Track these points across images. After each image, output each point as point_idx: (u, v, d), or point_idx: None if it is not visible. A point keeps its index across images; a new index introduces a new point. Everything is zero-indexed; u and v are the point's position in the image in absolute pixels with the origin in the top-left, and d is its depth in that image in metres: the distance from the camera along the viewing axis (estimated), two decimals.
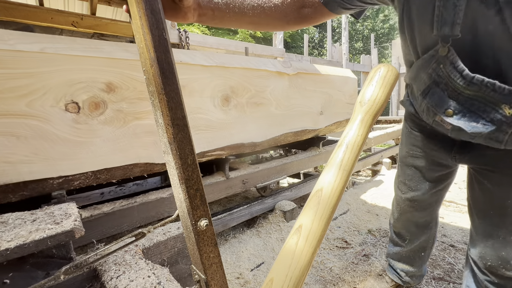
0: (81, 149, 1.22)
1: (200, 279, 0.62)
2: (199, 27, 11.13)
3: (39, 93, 1.09)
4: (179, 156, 0.54)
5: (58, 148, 1.16)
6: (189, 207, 0.56)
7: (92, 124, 1.23)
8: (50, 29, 3.08)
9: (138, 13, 0.50)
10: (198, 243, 0.58)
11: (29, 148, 1.10)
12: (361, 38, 21.97)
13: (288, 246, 0.61)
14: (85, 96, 1.19)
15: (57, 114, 1.13)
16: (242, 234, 2.35)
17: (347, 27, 10.05)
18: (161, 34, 0.52)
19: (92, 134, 1.23)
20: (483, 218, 0.89)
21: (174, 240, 1.26)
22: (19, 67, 1.04)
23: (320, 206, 0.65)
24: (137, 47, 0.56)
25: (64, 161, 1.19)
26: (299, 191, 2.86)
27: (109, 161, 1.31)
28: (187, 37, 3.39)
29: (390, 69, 0.82)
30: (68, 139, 1.18)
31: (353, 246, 2.13)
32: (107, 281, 0.96)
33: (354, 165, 0.72)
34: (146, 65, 0.53)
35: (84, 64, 1.18)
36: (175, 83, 0.54)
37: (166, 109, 0.53)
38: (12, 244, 0.89)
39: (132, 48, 1.37)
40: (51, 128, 1.13)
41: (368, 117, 0.77)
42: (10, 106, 1.04)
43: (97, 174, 1.33)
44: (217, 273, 0.62)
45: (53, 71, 1.11)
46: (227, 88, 1.76)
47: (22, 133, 1.07)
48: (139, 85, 1.35)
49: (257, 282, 1.73)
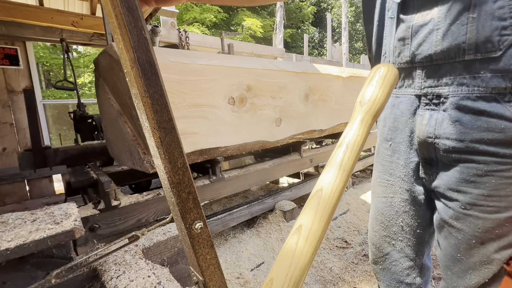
0: (234, 129, 1.85)
1: (199, 280, 0.61)
2: (199, 27, 11.12)
3: (217, 92, 1.70)
4: (168, 160, 0.52)
5: (224, 127, 1.78)
6: (182, 211, 0.55)
7: (240, 112, 1.86)
8: (50, 29, 3.08)
9: (113, 12, 0.46)
10: (193, 246, 0.57)
11: (211, 127, 1.72)
12: (361, 38, 21.99)
13: (288, 246, 0.61)
14: (236, 94, 1.82)
15: (225, 105, 1.77)
16: (242, 234, 2.35)
17: (347, 27, 10.05)
18: (140, 33, 0.48)
19: (239, 119, 1.87)
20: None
21: (174, 240, 1.26)
22: (209, 76, 1.65)
23: (320, 206, 0.65)
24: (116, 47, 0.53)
25: (226, 136, 1.81)
26: (299, 191, 2.86)
27: (246, 138, 1.94)
28: (187, 37, 3.39)
29: (390, 69, 0.82)
30: (229, 122, 1.80)
31: (353, 246, 2.13)
32: (107, 281, 0.96)
33: (354, 165, 0.72)
34: (126, 67, 0.50)
35: (236, 72, 1.79)
36: (159, 84, 0.51)
37: (151, 112, 0.50)
38: (12, 244, 0.89)
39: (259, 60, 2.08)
40: (222, 114, 1.76)
41: (368, 117, 0.77)
42: (204, 100, 1.65)
43: (239, 147, 1.93)
44: (215, 274, 0.61)
45: (223, 78, 1.72)
46: (307, 88, 2.35)
47: (209, 117, 1.69)
48: (264, 86, 1.97)
49: (257, 282, 1.73)
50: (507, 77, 0.57)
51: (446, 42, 0.63)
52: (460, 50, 0.62)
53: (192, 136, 1.63)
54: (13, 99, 3.00)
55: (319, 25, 22.11)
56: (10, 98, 2.97)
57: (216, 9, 11.78)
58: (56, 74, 10.97)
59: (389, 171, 0.86)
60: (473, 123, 0.61)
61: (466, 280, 0.70)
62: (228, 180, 2.18)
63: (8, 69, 2.96)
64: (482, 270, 0.67)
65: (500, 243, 0.63)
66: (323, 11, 21.67)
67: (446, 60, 0.65)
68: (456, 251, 0.71)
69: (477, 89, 0.60)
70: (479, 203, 0.64)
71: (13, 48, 2.97)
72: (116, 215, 1.65)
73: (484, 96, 0.60)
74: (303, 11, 17.56)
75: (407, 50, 0.73)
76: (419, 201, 0.81)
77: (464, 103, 0.62)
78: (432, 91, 0.69)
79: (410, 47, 0.72)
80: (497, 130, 0.59)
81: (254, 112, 1.95)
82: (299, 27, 18.95)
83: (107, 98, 1.72)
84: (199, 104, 1.63)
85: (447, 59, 0.65)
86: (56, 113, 9.14)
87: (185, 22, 11.24)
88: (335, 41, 20.25)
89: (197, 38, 5.38)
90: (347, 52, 10.08)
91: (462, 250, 0.69)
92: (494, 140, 0.60)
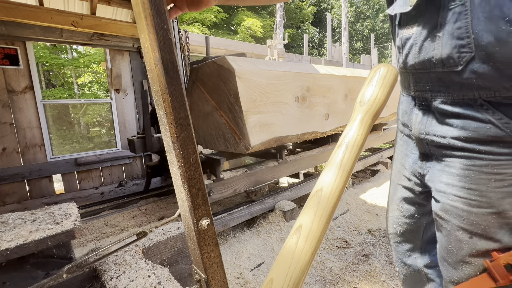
0: (297, 121, 2.35)
1: (201, 278, 0.62)
2: (199, 27, 11.12)
3: (288, 92, 2.24)
4: (181, 155, 0.54)
5: (291, 120, 2.29)
6: (191, 206, 0.56)
7: (302, 108, 2.38)
8: (50, 29, 3.08)
9: (143, 14, 0.50)
10: (199, 242, 0.58)
11: (283, 119, 2.20)
12: (361, 38, 21.98)
13: (288, 246, 0.61)
14: (300, 94, 2.34)
15: (293, 103, 2.29)
16: (242, 234, 2.35)
17: (347, 27, 10.05)
18: (166, 34, 0.52)
19: (301, 114, 2.37)
20: None
21: (174, 240, 1.26)
22: (283, 79, 2.18)
23: (320, 206, 0.65)
24: (141, 46, 0.56)
25: (292, 127, 2.31)
26: (299, 191, 2.86)
27: (305, 129, 2.44)
28: (187, 37, 3.40)
29: (390, 69, 0.82)
30: (294, 116, 2.31)
31: (353, 246, 2.13)
32: (107, 281, 0.96)
33: (354, 165, 0.72)
34: (150, 65, 0.53)
35: (301, 77, 2.34)
36: (179, 83, 0.54)
37: (169, 109, 0.53)
38: (12, 244, 0.90)
39: (316, 66, 2.70)
40: (291, 110, 2.27)
41: (368, 117, 0.77)
42: (280, 98, 2.18)
43: (299, 136, 2.40)
44: (218, 273, 0.62)
45: (292, 81, 2.26)
46: (346, 89, 2.89)
47: (283, 111, 2.20)
48: (318, 88, 2.50)
49: (257, 282, 1.73)
50: (473, 87, 0.63)
51: (422, 55, 0.71)
52: (431, 63, 0.69)
53: (271, 126, 2.13)
54: (13, 99, 3.00)
55: (319, 25, 22.09)
56: (10, 98, 2.97)
57: (216, 9, 11.77)
58: (56, 74, 10.97)
59: (400, 159, 0.96)
60: (452, 122, 0.70)
61: (459, 272, 0.74)
62: (290, 163, 2.77)
63: (8, 69, 2.96)
64: (473, 263, 0.70)
65: (486, 238, 0.67)
66: (323, 11, 21.67)
67: (424, 70, 0.73)
68: (448, 243, 0.76)
69: (451, 95, 0.68)
70: (463, 196, 0.69)
71: (13, 48, 2.97)
72: (223, 185, 2.25)
73: (458, 101, 0.67)
74: (303, 11, 17.55)
75: (400, 58, 0.81)
76: (417, 190, 0.89)
77: (444, 107, 0.71)
78: (420, 95, 0.79)
79: (402, 55, 0.80)
80: (471, 129, 0.66)
81: (311, 108, 2.48)
82: (299, 27, 18.95)
83: (202, 97, 2.24)
84: (277, 102, 2.16)
85: (424, 70, 0.73)
86: (56, 113, 9.13)
87: (185, 22, 11.24)
88: (335, 41, 20.24)
89: (197, 38, 5.38)
90: (347, 52, 10.08)
91: (452, 241, 0.74)
92: (469, 138, 0.66)
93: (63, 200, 3.32)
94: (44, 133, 3.20)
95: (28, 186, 3.13)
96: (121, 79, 3.68)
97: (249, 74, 1.97)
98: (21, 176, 3.03)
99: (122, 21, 3.47)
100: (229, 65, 1.89)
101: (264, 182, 2.54)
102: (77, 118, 9.98)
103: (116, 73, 3.63)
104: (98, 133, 10.23)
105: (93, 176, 3.56)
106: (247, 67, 1.98)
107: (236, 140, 2.05)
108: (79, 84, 11.34)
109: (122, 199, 2.94)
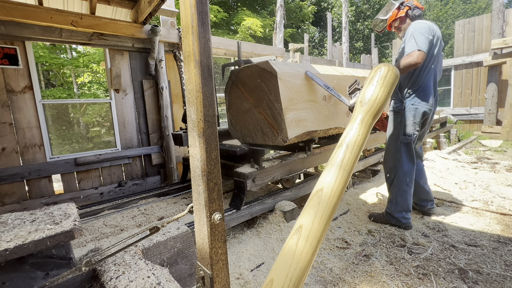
0: (324, 118, 2.61)
1: (205, 275, 0.63)
2: None
3: (317, 91, 2.52)
4: (205, 149, 0.60)
5: (320, 116, 2.56)
6: (207, 199, 0.60)
7: (328, 106, 2.67)
8: (50, 28, 3.07)
9: (191, 23, 0.60)
10: (210, 237, 0.61)
11: (313, 115, 2.48)
12: (361, 37, 21.97)
13: (288, 246, 0.61)
14: (326, 93, 2.60)
15: (321, 101, 2.57)
16: (242, 234, 2.35)
17: (347, 27, 10.03)
18: (207, 42, 0.61)
19: (328, 111, 2.65)
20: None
21: (173, 241, 1.25)
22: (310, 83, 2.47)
23: (320, 206, 0.65)
24: (183, 50, 0.65)
25: (320, 123, 2.57)
26: (299, 191, 2.86)
27: (330, 125, 2.69)
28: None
29: (390, 69, 0.82)
30: (322, 113, 2.59)
31: (353, 246, 2.12)
32: (106, 282, 0.95)
33: (354, 165, 0.72)
34: (189, 66, 0.62)
35: (327, 78, 2.60)
36: (211, 84, 0.61)
37: (201, 106, 0.60)
38: (11, 244, 0.89)
39: (339, 68, 3.07)
40: (319, 107, 2.56)
41: (368, 117, 0.77)
42: (311, 97, 2.47)
43: (325, 131, 2.68)
44: (222, 271, 0.64)
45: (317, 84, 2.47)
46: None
47: (313, 109, 2.48)
48: (340, 87, 2.73)
49: (257, 282, 1.72)
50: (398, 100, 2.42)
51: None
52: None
53: (304, 121, 2.38)
54: (12, 99, 2.99)
55: (319, 25, 22.07)
56: (9, 98, 2.96)
57: (216, 8, 11.76)
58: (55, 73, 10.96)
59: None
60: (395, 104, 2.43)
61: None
62: (317, 155, 3.04)
63: (8, 68, 2.95)
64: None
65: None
66: (324, 10, 21.64)
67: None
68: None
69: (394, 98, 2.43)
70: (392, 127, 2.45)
71: (13, 47, 2.96)
72: (263, 173, 2.49)
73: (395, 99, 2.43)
74: (303, 11, 17.52)
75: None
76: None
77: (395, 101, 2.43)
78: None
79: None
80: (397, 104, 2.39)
81: (335, 106, 2.76)
82: (299, 26, 18.93)
83: (241, 95, 2.53)
84: (309, 100, 2.43)
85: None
86: (56, 113, 9.12)
87: None
88: (336, 41, 20.23)
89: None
90: (347, 52, 10.08)
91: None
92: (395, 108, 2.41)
93: (63, 200, 3.32)
94: (43, 133, 3.19)
95: (28, 186, 3.12)
96: (120, 79, 3.67)
97: (288, 76, 2.23)
98: (20, 176, 3.03)
99: (122, 21, 3.46)
100: (271, 68, 2.17)
101: (296, 171, 2.80)
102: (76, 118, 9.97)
103: (116, 73, 3.63)
104: (98, 133, 10.22)
105: (93, 176, 3.56)
106: (286, 69, 2.25)
107: (274, 133, 2.33)
108: (79, 84, 11.32)
109: (121, 199, 2.94)
